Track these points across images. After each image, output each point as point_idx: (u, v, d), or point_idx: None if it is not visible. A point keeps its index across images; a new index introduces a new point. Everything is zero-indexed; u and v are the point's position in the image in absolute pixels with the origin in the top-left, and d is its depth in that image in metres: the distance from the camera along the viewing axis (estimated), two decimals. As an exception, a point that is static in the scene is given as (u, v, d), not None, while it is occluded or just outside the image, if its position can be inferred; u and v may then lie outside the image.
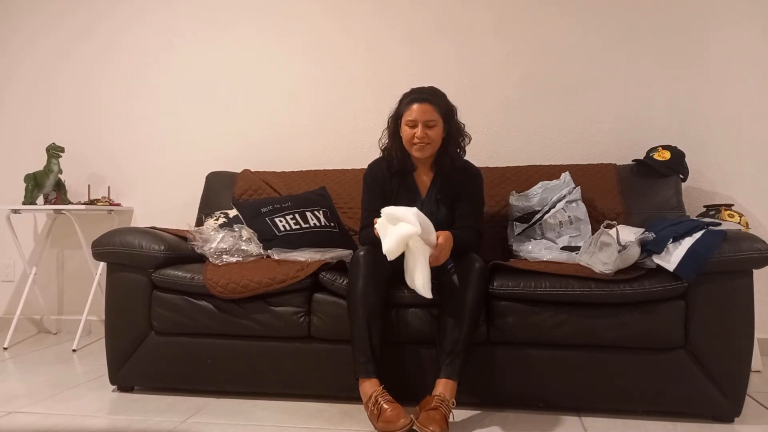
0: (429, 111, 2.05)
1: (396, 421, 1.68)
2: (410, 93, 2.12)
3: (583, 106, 2.89)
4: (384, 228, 1.85)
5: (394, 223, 1.83)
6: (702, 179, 2.76)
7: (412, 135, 2.07)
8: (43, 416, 1.95)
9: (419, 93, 2.10)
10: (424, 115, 2.05)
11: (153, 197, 3.29)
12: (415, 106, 2.06)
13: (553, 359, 1.93)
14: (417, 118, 2.05)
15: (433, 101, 2.07)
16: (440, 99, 2.10)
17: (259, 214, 2.45)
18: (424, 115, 2.05)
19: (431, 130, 2.06)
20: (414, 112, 2.06)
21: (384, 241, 1.83)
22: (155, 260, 2.16)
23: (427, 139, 2.06)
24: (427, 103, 2.06)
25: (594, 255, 1.96)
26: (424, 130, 2.05)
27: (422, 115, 2.05)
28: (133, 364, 2.18)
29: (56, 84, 3.42)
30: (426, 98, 2.07)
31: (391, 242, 1.80)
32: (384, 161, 2.21)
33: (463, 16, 3.01)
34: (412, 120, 2.06)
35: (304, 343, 2.08)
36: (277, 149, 3.16)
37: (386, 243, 1.81)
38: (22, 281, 3.34)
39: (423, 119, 2.05)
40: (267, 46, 3.19)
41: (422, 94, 2.09)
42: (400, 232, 1.79)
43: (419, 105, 2.06)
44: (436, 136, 2.09)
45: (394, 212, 1.83)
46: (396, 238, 1.79)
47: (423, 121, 2.05)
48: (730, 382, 1.84)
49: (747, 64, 2.76)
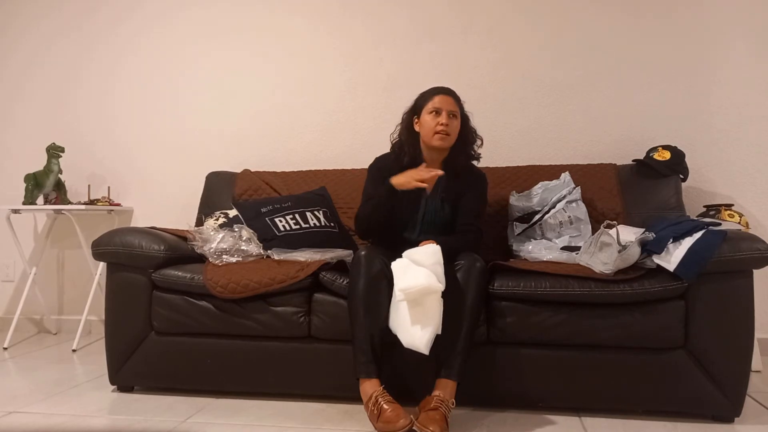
0: (452, 102, 2.14)
1: (396, 421, 1.68)
2: (432, 88, 2.21)
3: (583, 106, 2.89)
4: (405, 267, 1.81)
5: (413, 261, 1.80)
6: (702, 179, 2.76)
7: (436, 123, 2.12)
8: (43, 416, 1.95)
9: (441, 88, 2.19)
10: (448, 105, 2.13)
11: (153, 197, 3.29)
12: (439, 97, 2.14)
13: (553, 359, 1.93)
14: (442, 106, 2.13)
15: (455, 96, 2.18)
16: (459, 99, 2.20)
17: (259, 214, 2.45)
18: (448, 105, 2.13)
19: (453, 120, 2.13)
20: (438, 101, 2.13)
21: (403, 278, 1.77)
22: (155, 260, 2.16)
23: (449, 128, 2.11)
24: (450, 96, 2.15)
25: (594, 255, 1.96)
26: (449, 118, 2.11)
27: (446, 105, 2.12)
28: (133, 364, 2.18)
29: (60, 86, 3.42)
30: (449, 92, 2.17)
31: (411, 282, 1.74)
32: (392, 155, 2.24)
33: (463, 17, 3.01)
34: (437, 107, 2.12)
35: (304, 343, 2.08)
36: (277, 149, 3.16)
37: (406, 280, 1.75)
38: (22, 281, 3.34)
39: (447, 108, 2.12)
40: (267, 46, 3.19)
41: (445, 89, 2.18)
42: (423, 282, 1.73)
43: (443, 96, 2.14)
44: (456, 129, 2.15)
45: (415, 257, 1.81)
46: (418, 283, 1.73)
47: (447, 110, 2.12)
48: (730, 382, 1.84)
49: (747, 64, 2.76)
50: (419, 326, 1.75)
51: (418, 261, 1.80)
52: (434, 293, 1.75)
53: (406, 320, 1.78)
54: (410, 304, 1.77)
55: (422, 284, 1.73)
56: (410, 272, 1.78)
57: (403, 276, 1.79)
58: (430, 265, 1.78)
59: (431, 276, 1.75)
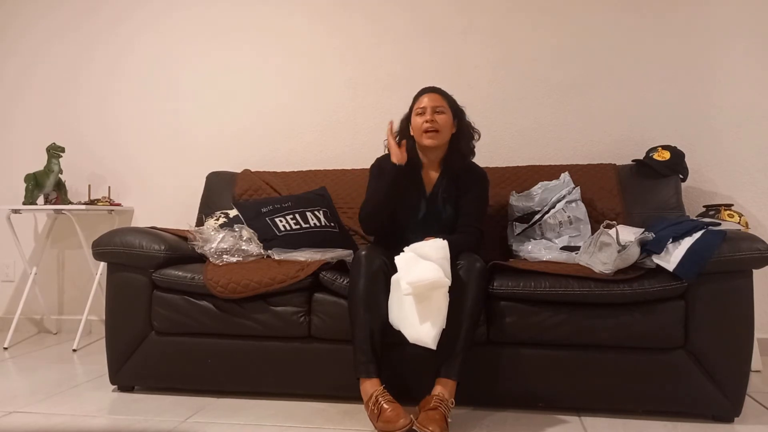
0: (437, 98, 2.17)
1: (396, 421, 1.68)
2: (419, 91, 2.24)
3: (583, 106, 2.89)
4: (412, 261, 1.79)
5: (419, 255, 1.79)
6: (702, 179, 2.76)
7: (422, 122, 2.14)
8: (43, 416, 1.95)
9: (426, 87, 2.24)
10: (432, 101, 2.16)
11: (153, 197, 3.29)
12: (424, 96, 2.19)
13: (553, 359, 1.93)
14: (426, 104, 2.16)
15: (441, 92, 2.21)
16: (449, 95, 2.22)
17: (260, 214, 2.45)
18: (433, 102, 2.16)
19: (440, 116, 2.15)
20: (423, 101, 2.17)
21: (411, 272, 1.75)
22: (155, 260, 2.16)
23: (436, 125, 2.13)
24: (435, 93, 2.19)
25: (594, 255, 1.96)
26: (433, 114, 2.13)
27: (431, 102, 2.16)
28: (133, 364, 2.18)
29: (60, 86, 3.42)
30: (435, 89, 2.21)
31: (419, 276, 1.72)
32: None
33: (463, 17, 3.01)
34: (422, 107, 2.16)
35: (304, 343, 2.08)
36: (277, 149, 3.17)
37: (415, 274, 1.74)
38: (23, 281, 3.34)
39: (432, 105, 2.16)
40: (267, 46, 3.19)
41: (429, 88, 2.23)
42: (432, 276, 1.71)
43: (428, 94, 2.19)
44: (445, 123, 2.16)
45: (422, 251, 1.80)
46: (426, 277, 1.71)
47: (432, 107, 2.15)
48: (730, 382, 1.84)
49: (747, 63, 2.76)
50: (427, 321, 1.75)
51: (426, 255, 1.79)
52: (442, 288, 1.75)
53: (412, 315, 1.77)
54: (417, 298, 1.76)
55: (431, 278, 1.72)
56: (419, 266, 1.77)
57: (410, 269, 1.77)
58: (437, 259, 1.78)
59: (439, 270, 1.75)
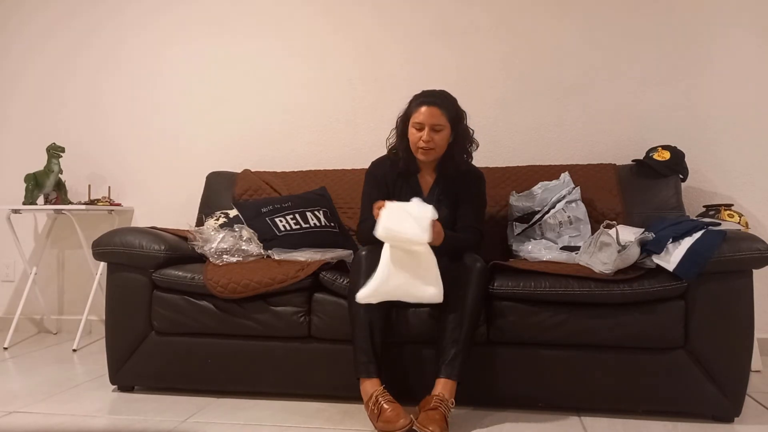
0: (437, 115, 2.05)
1: (396, 421, 1.69)
2: (420, 95, 2.13)
3: (583, 106, 2.89)
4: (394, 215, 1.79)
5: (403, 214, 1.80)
6: (702, 179, 2.76)
7: (418, 138, 2.07)
8: (43, 416, 1.95)
9: (429, 96, 2.10)
10: (431, 118, 2.05)
11: (153, 197, 3.29)
12: (424, 109, 2.06)
13: (553, 359, 1.94)
14: (424, 121, 2.05)
15: (442, 105, 2.07)
16: (450, 104, 2.10)
17: (260, 214, 2.45)
18: (432, 119, 2.05)
19: (437, 134, 2.07)
20: (422, 115, 2.06)
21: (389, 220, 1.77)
22: (155, 260, 2.16)
23: (432, 144, 2.06)
24: (435, 107, 2.05)
25: (594, 255, 1.96)
26: (431, 134, 2.05)
27: (430, 119, 2.05)
28: (133, 364, 2.18)
29: (57, 85, 3.42)
30: (435, 102, 2.07)
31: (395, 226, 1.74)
32: (389, 160, 2.23)
33: (463, 17, 3.01)
34: (420, 123, 2.06)
35: (304, 343, 2.08)
36: (277, 149, 3.17)
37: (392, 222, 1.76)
38: (23, 281, 3.34)
39: (430, 122, 2.05)
40: (266, 46, 3.19)
41: (432, 98, 2.08)
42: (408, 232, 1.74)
43: (428, 108, 2.05)
44: (442, 141, 2.09)
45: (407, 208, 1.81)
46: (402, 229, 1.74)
47: (430, 125, 2.05)
48: (730, 382, 1.84)
49: (747, 63, 2.76)
50: (420, 281, 1.78)
51: (410, 212, 1.80)
52: (420, 244, 1.76)
53: (406, 281, 1.78)
54: (404, 260, 1.76)
55: (410, 234, 1.74)
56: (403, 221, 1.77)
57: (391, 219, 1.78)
58: (418, 217, 1.77)
59: (416, 227, 1.75)
